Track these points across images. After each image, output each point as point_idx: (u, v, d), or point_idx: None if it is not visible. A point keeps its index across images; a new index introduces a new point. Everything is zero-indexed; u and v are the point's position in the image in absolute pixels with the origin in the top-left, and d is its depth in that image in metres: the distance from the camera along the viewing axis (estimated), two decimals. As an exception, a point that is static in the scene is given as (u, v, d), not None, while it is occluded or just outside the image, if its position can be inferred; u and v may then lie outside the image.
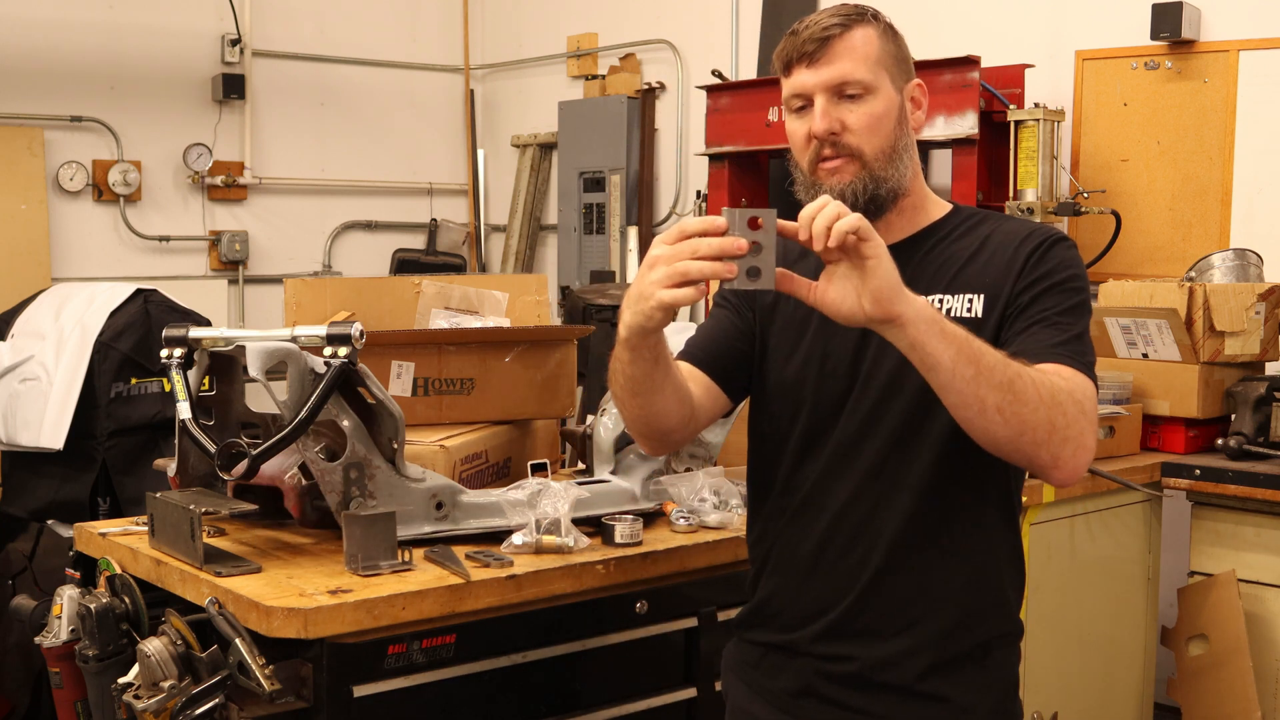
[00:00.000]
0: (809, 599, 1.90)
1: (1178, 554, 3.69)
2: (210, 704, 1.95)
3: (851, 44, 1.86)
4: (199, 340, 2.32)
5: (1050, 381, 1.68)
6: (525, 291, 3.21)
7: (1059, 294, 1.81)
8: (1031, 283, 1.82)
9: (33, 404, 3.78)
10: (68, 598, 2.32)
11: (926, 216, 1.94)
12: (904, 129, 1.89)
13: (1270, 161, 4.34)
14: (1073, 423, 1.68)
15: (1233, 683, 3.37)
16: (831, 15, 1.88)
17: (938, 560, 1.85)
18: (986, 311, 1.83)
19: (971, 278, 1.86)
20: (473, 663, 2.12)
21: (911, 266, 1.84)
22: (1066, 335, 1.78)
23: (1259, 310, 3.57)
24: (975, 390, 1.64)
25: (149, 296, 4.00)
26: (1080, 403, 1.70)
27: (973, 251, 1.88)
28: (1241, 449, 3.49)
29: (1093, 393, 1.75)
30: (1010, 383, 1.64)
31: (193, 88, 6.52)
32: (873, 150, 1.85)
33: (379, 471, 2.21)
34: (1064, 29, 4.80)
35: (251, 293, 6.73)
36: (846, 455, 1.86)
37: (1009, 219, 1.94)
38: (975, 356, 1.63)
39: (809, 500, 1.90)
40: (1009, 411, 1.64)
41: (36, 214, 6.06)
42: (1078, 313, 1.82)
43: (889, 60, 1.88)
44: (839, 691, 1.87)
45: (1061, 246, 1.85)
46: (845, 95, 1.85)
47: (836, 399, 1.87)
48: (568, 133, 6.64)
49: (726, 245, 1.61)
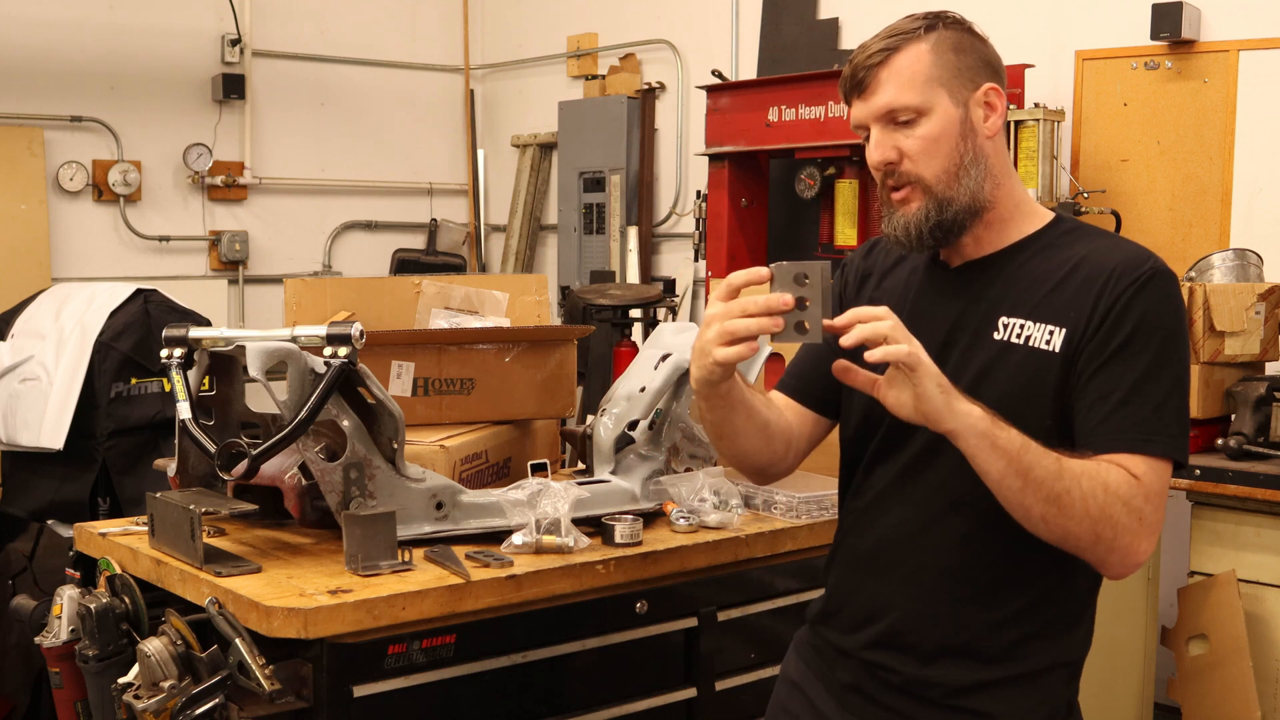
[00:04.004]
0: (863, 601, 1.91)
1: (1178, 554, 3.69)
2: (210, 704, 1.95)
3: (898, 68, 1.81)
4: (199, 340, 2.32)
5: (1105, 491, 1.66)
6: (525, 291, 3.20)
7: (1142, 353, 1.72)
8: (1111, 332, 1.73)
9: (33, 404, 3.78)
10: (68, 598, 2.32)
11: (1019, 229, 1.86)
12: (970, 142, 1.82)
13: (1270, 161, 4.34)
14: (1122, 533, 1.67)
15: (1233, 683, 3.37)
16: (883, 38, 1.84)
17: (993, 586, 1.81)
18: (1064, 348, 1.76)
19: (1058, 305, 1.78)
20: (473, 663, 2.12)
21: (1000, 282, 1.82)
22: (1145, 411, 1.71)
23: (1259, 310, 3.57)
24: (1021, 500, 1.67)
25: (149, 296, 4.00)
26: (1138, 510, 1.67)
27: (1064, 275, 1.79)
28: (1241, 449, 3.49)
29: (1160, 487, 1.70)
30: (1058, 497, 1.65)
31: (193, 88, 6.52)
32: (933, 174, 1.81)
33: (379, 471, 2.21)
34: (1064, 29, 4.80)
35: (251, 293, 6.73)
36: (916, 469, 1.85)
37: (1106, 238, 1.84)
38: (1025, 469, 1.65)
39: (874, 504, 1.91)
40: (1054, 522, 1.67)
41: (36, 214, 6.06)
42: (1163, 372, 1.72)
43: (946, 73, 1.81)
44: (885, 694, 1.87)
45: (1154, 286, 1.74)
46: (898, 122, 1.82)
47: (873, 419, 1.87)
48: (568, 133, 6.64)
49: (773, 302, 1.67)
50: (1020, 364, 1.78)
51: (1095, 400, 1.73)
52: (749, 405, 1.88)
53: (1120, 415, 1.71)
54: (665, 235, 6.37)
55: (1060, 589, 1.82)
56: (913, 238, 1.82)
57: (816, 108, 4.84)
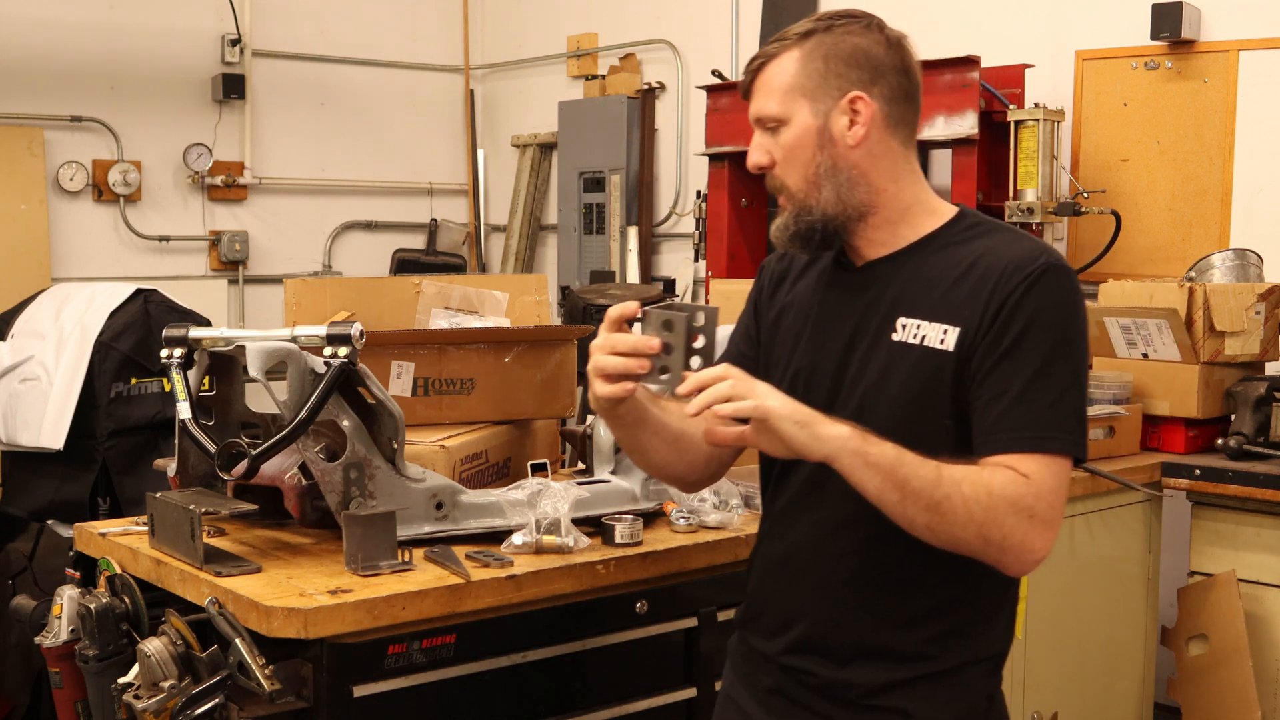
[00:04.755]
0: (779, 607, 1.92)
1: (1178, 554, 3.69)
2: (210, 704, 1.95)
3: (766, 78, 1.87)
4: (199, 340, 2.32)
5: (988, 494, 1.66)
6: (525, 291, 3.21)
7: (1034, 350, 1.72)
8: (1003, 330, 1.73)
9: (33, 404, 3.78)
10: (68, 598, 2.32)
11: (916, 229, 1.86)
12: (828, 151, 1.82)
13: (1270, 161, 4.34)
14: (1011, 533, 1.68)
15: (1233, 683, 3.37)
16: (770, 42, 1.89)
17: (900, 588, 1.82)
18: (958, 347, 1.76)
19: (953, 304, 1.78)
20: (473, 663, 2.13)
21: (899, 282, 1.83)
22: (1039, 409, 1.71)
23: (1259, 310, 3.57)
24: (903, 511, 1.69)
25: (149, 296, 4.00)
26: (1028, 509, 1.68)
27: (960, 273, 1.79)
28: (1241, 449, 3.49)
29: (1054, 484, 1.70)
30: (938, 504, 1.67)
31: (193, 88, 6.52)
32: (794, 182, 1.85)
33: (379, 471, 2.21)
34: (1064, 29, 4.80)
35: (251, 293, 6.73)
36: (819, 478, 1.83)
37: (1006, 234, 1.84)
38: (902, 481, 1.68)
39: (786, 510, 1.92)
40: (939, 529, 1.69)
41: (36, 214, 6.06)
42: (1057, 369, 1.72)
43: (810, 83, 1.83)
44: (805, 697, 1.88)
45: (1046, 282, 1.74)
46: (768, 129, 1.87)
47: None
48: (568, 133, 6.64)
49: (639, 344, 1.75)
50: (917, 364, 1.79)
51: (990, 400, 1.74)
52: (655, 422, 1.90)
53: (1014, 414, 1.72)
54: (665, 235, 6.37)
55: (970, 587, 1.82)
56: (783, 242, 1.87)
57: (816, 108, 4.84)
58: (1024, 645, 3.16)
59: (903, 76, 1.86)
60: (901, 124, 1.86)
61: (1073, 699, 3.33)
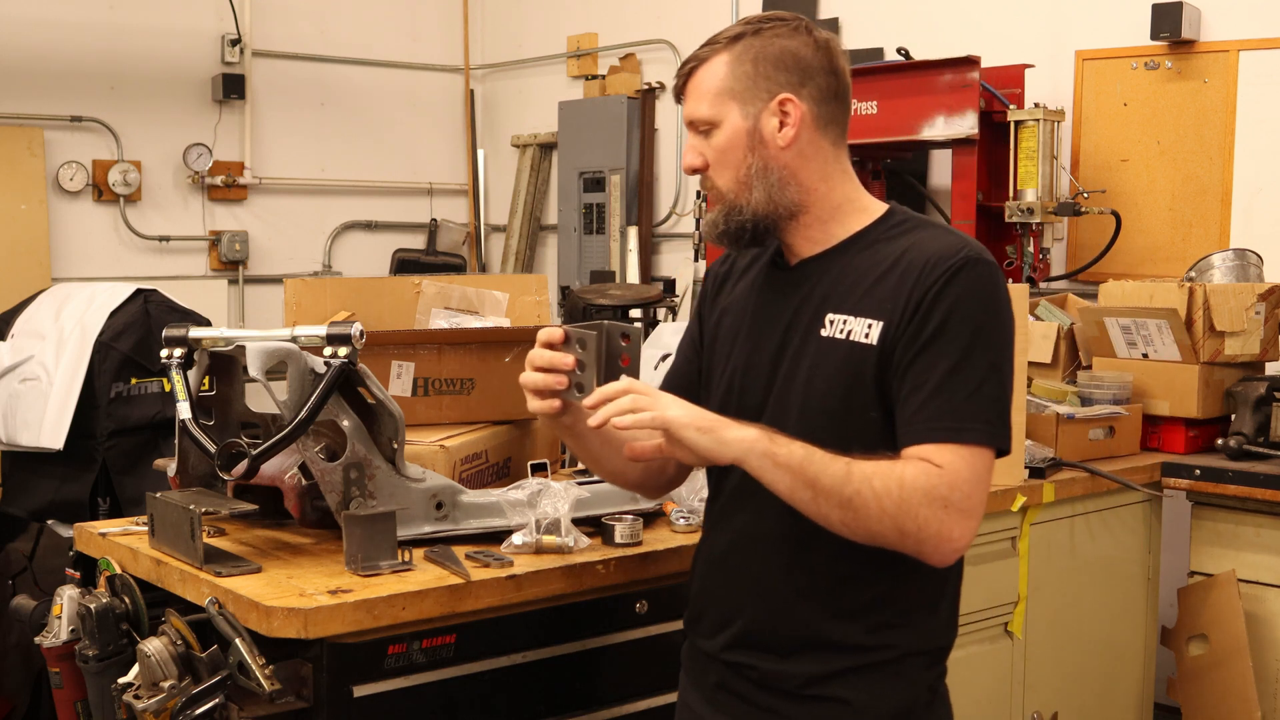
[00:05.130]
0: (719, 604, 1.96)
1: (1178, 554, 3.69)
2: (210, 704, 1.95)
3: (697, 81, 1.90)
4: (199, 340, 2.32)
5: (900, 487, 1.69)
6: (525, 291, 3.20)
7: (953, 342, 1.73)
8: (923, 323, 1.75)
9: (33, 404, 3.78)
10: (68, 598, 2.32)
11: (847, 227, 1.90)
12: (759, 153, 1.86)
13: (1270, 161, 4.34)
14: (926, 524, 1.70)
15: (1233, 683, 3.37)
16: (701, 46, 1.92)
17: (834, 585, 1.84)
18: (881, 340, 1.78)
19: (878, 299, 1.81)
20: (473, 663, 2.12)
21: (829, 279, 1.87)
22: (957, 400, 1.73)
23: (1259, 310, 3.57)
24: (817, 509, 1.74)
25: (149, 296, 4.00)
26: (943, 499, 1.70)
27: (886, 268, 1.82)
28: (1241, 449, 3.49)
29: (971, 474, 1.72)
30: (850, 500, 1.71)
31: (193, 88, 6.52)
32: (725, 183, 1.89)
33: (379, 471, 2.21)
34: (1064, 29, 4.80)
35: (251, 293, 6.73)
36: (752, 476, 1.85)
37: (932, 230, 1.86)
38: (812, 480, 1.72)
39: (725, 508, 1.96)
40: (854, 525, 1.73)
41: (36, 214, 6.06)
42: (976, 360, 1.74)
43: (740, 85, 1.86)
44: (748, 690, 1.92)
45: (965, 275, 1.76)
46: (700, 132, 1.90)
47: (753, 410, 1.90)
48: (568, 133, 6.64)
49: (555, 360, 1.87)
50: (843, 359, 1.82)
51: (910, 392, 1.76)
52: (606, 432, 1.92)
53: (932, 406, 1.74)
54: (665, 235, 6.37)
55: (905, 580, 1.84)
56: (713, 238, 1.92)
57: (816, 108, 4.84)
58: (1024, 645, 3.16)
59: (831, 77, 1.90)
60: (831, 124, 1.90)
61: (1073, 699, 3.33)
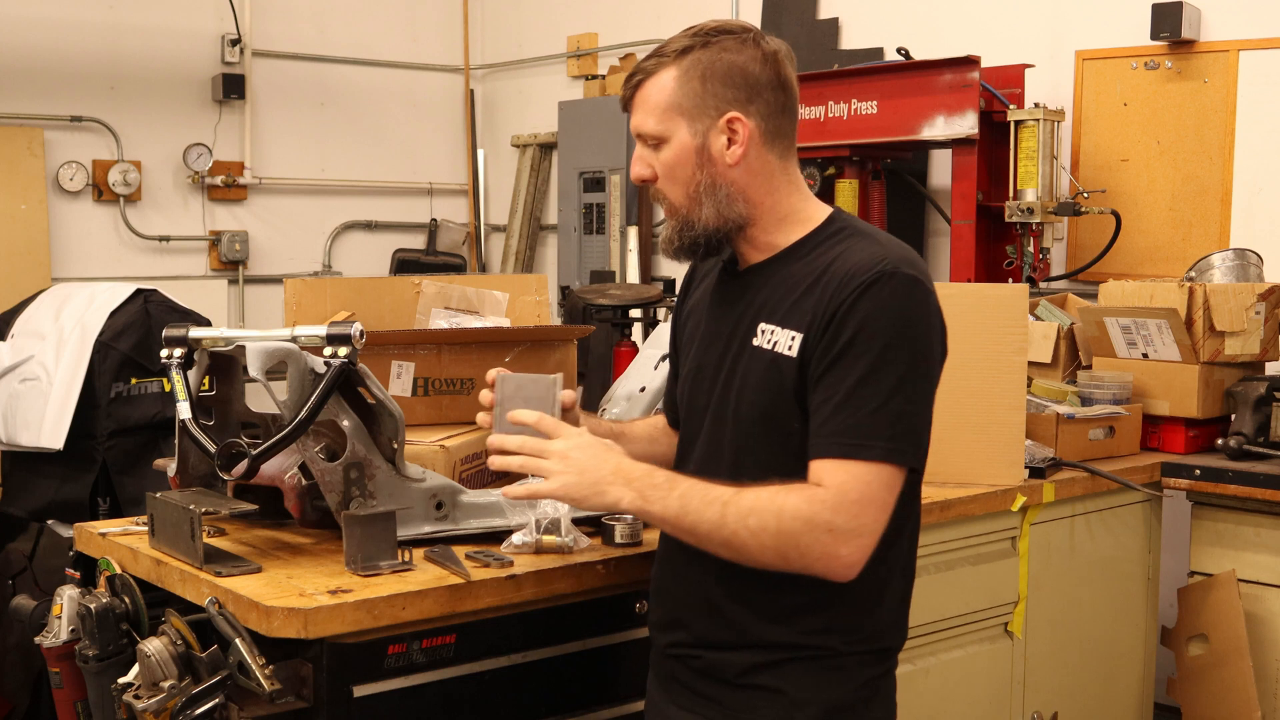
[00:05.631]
0: (668, 602, 2.04)
1: (1178, 554, 3.69)
2: (210, 704, 1.95)
3: (645, 95, 1.91)
4: (199, 340, 2.32)
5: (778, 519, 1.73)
6: (525, 291, 3.21)
7: (862, 357, 1.75)
8: (835, 336, 1.77)
9: (33, 404, 3.78)
10: (68, 598, 2.32)
11: (789, 236, 1.92)
12: (707, 170, 1.88)
13: (1270, 161, 4.34)
14: (809, 551, 1.74)
15: (1233, 683, 3.37)
16: (648, 58, 1.92)
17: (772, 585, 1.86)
18: (800, 352, 1.82)
19: (802, 310, 1.83)
20: (473, 663, 2.12)
21: (766, 288, 1.90)
22: (860, 416, 1.74)
23: (1259, 310, 3.57)
24: (705, 547, 1.82)
25: (149, 296, 4.00)
26: (825, 524, 1.72)
27: (813, 279, 1.84)
28: (1241, 449, 3.49)
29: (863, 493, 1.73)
30: (728, 541, 1.78)
31: (193, 88, 6.52)
32: (676, 197, 1.91)
33: (379, 471, 2.21)
34: (1064, 29, 4.80)
35: (251, 293, 6.73)
36: (702, 471, 1.91)
37: (861, 240, 1.87)
38: (689, 530, 1.80)
39: None
40: (741, 559, 1.80)
41: (36, 214, 6.06)
42: (884, 375, 1.75)
43: (688, 102, 1.87)
44: (692, 679, 1.98)
45: (880, 288, 1.76)
46: (649, 145, 1.92)
47: (700, 413, 1.96)
48: (568, 133, 6.64)
49: (481, 399, 2.04)
50: (768, 369, 1.85)
51: (819, 405, 1.78)
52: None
53: (835, 420, 1.76)
54: (665, 235, 6.37)
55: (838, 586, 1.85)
56: (670, 253, 1.95)
57: (816, 108, 4.84)
58: (1024, 645, 3.16)
59: (780, 92, 1.90)
60: (779, 138, 1.92)
61: (1073, 699, 3.33)
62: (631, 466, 1.86)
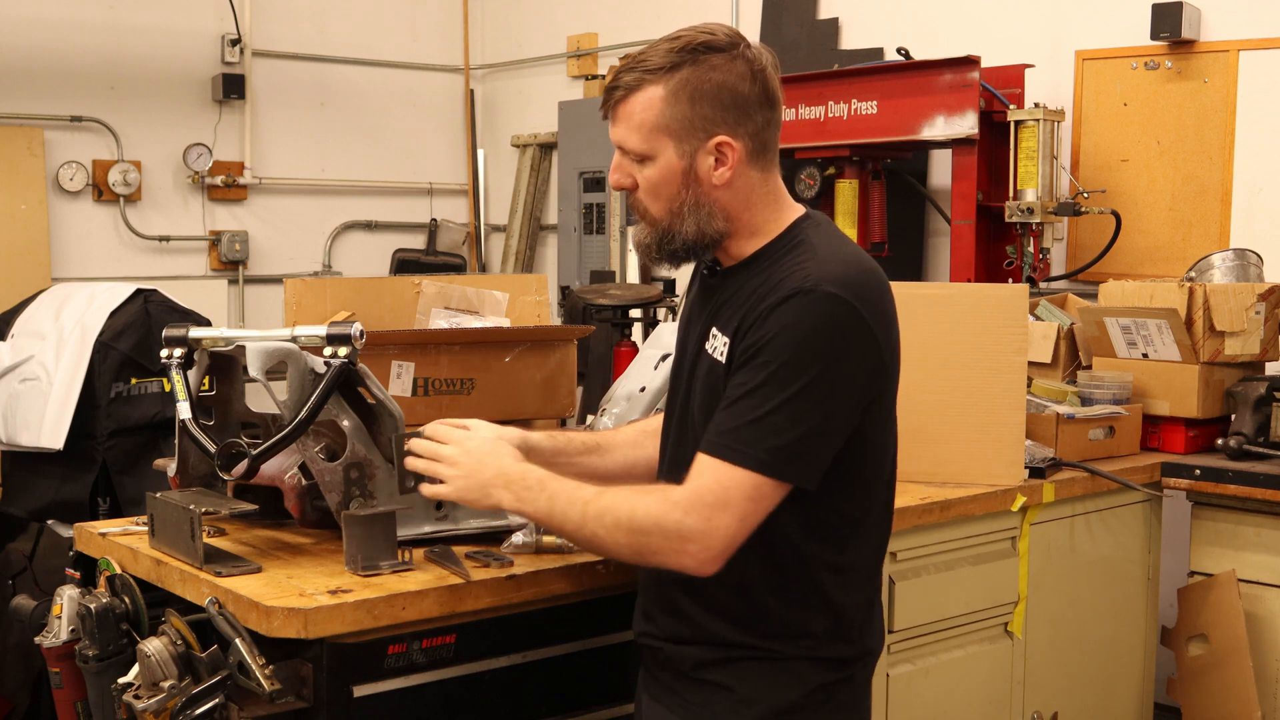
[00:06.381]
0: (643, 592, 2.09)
1: (1178, 554, 3.69)
2: (210, 704, 1.95)
3: (630, 110, 1.88)
4: (199, 340, 2.32)
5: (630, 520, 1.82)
6: (525, 291, 3.21)
7: (762, 368, 1.79)
8: (748, 345, 1.82)
9: (33, 404, 3.77)
10: (68, 598, 2.32)
11: (753, 245, 1.95)
12: (693, 190, 1.89)
13: (1270, 161, 4.34)
14: (659, 550, 1.82)
15: (1233, 683, 3.37)
16: (631, 68, 1.88)
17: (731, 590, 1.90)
18: (726, 360, 1.87)
19: (738, 318, 1.87)
20: (473, 663, 2.13)
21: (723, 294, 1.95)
22: (740, 421, 1.78)
23: (1259, 310, 3.57)
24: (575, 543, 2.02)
25: (149, 296, 3.99)
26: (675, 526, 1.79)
27: (756, 289, 1.87)
28: (1241, 449, 3.49)
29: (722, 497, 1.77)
30: (589, 541, 1.89)
31: (193, 88, 6.52)
32: (658, 212, 1.92)
33: (379, 471, 2.21)
34: (1064, 29, 4.80)
35: (251, 293, 6.73)
36: (671, 471, 1.99)
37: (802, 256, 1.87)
38: (557, 529, 1.94)
39: None
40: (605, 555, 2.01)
41: (36, 214, 6.06)
42: (775, 390, 1.77)
43: (676, 124, 1.85)
44: (656, 669, 2.04)
45: (795, 304, 1.79)
46: (631, 158, 1.92)
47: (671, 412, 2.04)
48: (568, 133, 6.64)
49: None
50: (708, 374, 1.91)
51: (720, 407, 1.84)
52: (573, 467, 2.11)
53: (718, 419, 1.82)
54: (665, 235, 6.36)
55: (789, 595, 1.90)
56: (649, 260, 1.98)
57: (816, 108, 4.84)
58: (1024, 645, 3.16)
59: (767, 109, 1.90)
60: (764, 153, 1.92)
61: (1073, 699, 3.33)
62: (512, 468, 1.94)
